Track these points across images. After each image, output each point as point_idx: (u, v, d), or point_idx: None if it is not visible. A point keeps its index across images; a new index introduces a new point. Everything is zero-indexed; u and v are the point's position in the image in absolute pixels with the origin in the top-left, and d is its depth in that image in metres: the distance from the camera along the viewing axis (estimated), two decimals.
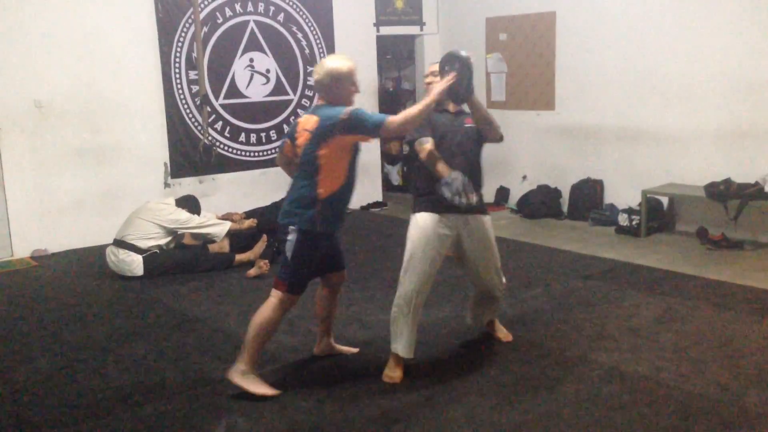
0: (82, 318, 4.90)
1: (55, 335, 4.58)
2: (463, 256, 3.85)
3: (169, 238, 5.81)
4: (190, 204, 6.01)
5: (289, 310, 3.65)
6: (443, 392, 3.58)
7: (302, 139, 3.50)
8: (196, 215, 5.94)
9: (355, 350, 4.09)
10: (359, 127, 3.39)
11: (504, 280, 4.06)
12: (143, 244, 5.67)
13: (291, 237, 3.48)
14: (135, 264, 5.68)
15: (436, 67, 3.78)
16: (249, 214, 6.27)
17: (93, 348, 4.34)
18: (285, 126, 7.97)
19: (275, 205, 6.33)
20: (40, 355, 4.25)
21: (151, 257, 5.71)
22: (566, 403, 3.43)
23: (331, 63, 3.52)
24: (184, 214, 5.83)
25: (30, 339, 4.54)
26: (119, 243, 5.71)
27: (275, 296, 3.56)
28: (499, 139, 3.91)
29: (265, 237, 6.00)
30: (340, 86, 3.50)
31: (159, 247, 5.76)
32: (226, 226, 5.92)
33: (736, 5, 6.23)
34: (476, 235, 3.80)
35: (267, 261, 5.78)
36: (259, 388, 3.55)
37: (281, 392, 3.57)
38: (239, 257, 5.94)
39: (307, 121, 3.51)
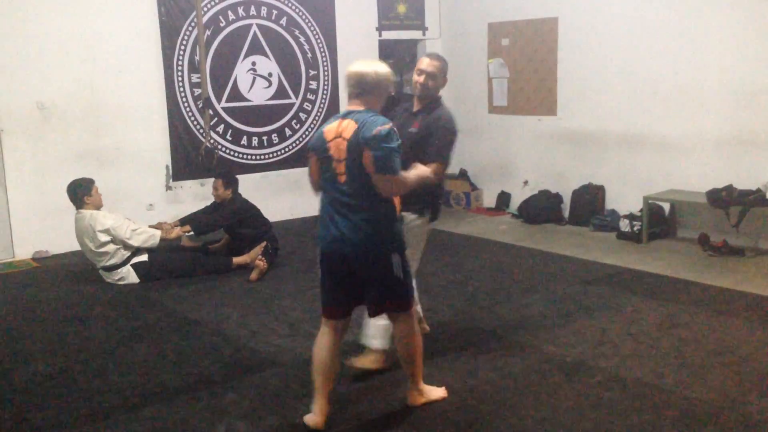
0: (82, 320, 4.89)
1: (56, 337, 4.58)
2: None
3: (120, 241, 5.62)
4: (77, 188, 5.65)
5: None
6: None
7: (338, 148, 3.14)
8: (123, 220, 5.68)
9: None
10: (378, 152, 3.06)
11: None
12: (116, 260, 5.63)
13: (396, 260, 3.22)
14: (128, 276, 5.68)
15: (424, 65, 3.88)
16: (184, 221, 6.23)
17: (93, 350, 4.34)
18: (287, 129, 7.98)
19: (209, 209, 6.30)
20: (40, 357, 4.25)
21: (143, 264, 5.70)
22: (567, 408, 3.42)
23: (385, 67, 3.28)
24: (108, 221, 5.56)
25: (30, 340, 4.53)
26: (101, 269, 5.70)
27: (407, 317, 3.34)
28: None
29: (265, 243, 5.99)
30: (386, 94, 3.29)
31: (132, 249, 5.66)
32: (156, 236, 5.74)
33: (737, 13, 6.23)
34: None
35: (263, 258, 5.78)
36: (436, 393, 3.53)
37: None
38: (237, 260, 5.94)
39: (343, 127, 3.16)
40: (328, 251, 3.26)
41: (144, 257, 5.73)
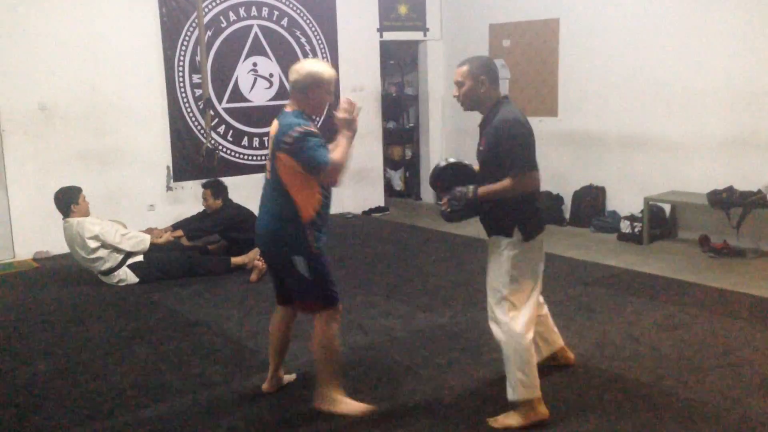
0: (83, 320, 4.90)
1: (56, 337, 4.59)
2: None
3: (110, 247, 5.61)
4: (63, 196, 5.68)
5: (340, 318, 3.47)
6: (444, 398, 3.58)
7: (270, 145, 3.34)
8: (111, 225, 5.67)
9: (293, 377, 3.79)
10: (301, 158, 3.13)
11: (496, 314, 3.34)
12: (111, 263, 5.63)
13: (298, 262, 3.23)
14: (127, 277, 5.68)
15: (460, 75, 3.37)
16: (176, 227, 6.26)
17: (94, 350, 4.34)
18: None
19: (200, 216, 6.35)
20: (40, 357, 4.25)
21: (141, 264, 5.70)
22: (568, 410, 3.42)
23: (312, 65, 3.29)
24: (95, 227, 5.56)
25: (31, 341, 4.54)
26: (99, 273, 5.70)
27: (324, 320, 3.33)
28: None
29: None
30: (316, 92, 3.25)
31: (124, 252, 5.65)
32: (146, 241, 5.74)
33: (739, 14, 6.24)
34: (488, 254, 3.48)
35: (262, 259, 5.79)
36: (350, 407, 3.37)
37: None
38: (235, 260, 5.95)
39: (273, 127, 3.32)
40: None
41: (140, 257, 5.73)
